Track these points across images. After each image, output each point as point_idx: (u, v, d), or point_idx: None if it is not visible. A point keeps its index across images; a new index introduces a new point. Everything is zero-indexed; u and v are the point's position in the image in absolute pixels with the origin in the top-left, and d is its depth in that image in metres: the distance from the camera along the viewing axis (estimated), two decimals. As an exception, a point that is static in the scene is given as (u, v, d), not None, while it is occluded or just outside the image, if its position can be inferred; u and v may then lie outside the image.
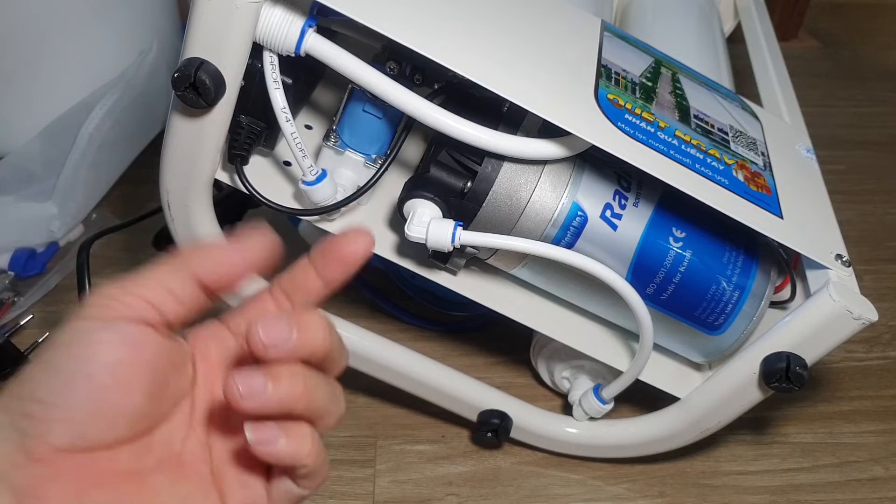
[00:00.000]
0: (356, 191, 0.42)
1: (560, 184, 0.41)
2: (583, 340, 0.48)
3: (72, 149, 0.67)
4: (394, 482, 0.52)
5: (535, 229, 0.41)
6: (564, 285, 0.45)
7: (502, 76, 0.37)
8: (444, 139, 0.38)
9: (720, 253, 0.43)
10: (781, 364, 0.40)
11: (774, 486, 0.53)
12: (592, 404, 0.49)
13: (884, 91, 1.01)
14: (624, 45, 0.48)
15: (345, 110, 0.42)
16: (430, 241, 0.39)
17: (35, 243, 0.65)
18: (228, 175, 0.43)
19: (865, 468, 0.54)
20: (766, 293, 0.44)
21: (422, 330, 0.62)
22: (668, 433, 0.48)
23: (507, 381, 0.59)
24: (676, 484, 0.53)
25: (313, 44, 0.36)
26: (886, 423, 0.58)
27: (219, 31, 0.34)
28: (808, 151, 0.52)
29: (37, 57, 0.69)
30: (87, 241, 0.43)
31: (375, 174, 0.41)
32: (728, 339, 0.44)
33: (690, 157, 0.40)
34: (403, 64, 0.41)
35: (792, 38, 1.13)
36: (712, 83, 0.52)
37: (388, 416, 0.56)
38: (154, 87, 0.74)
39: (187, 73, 0.34)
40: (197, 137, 0.38)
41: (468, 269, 0.47)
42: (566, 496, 0.52)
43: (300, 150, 0.39)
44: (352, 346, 0.48)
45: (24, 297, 0.62)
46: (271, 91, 0.37)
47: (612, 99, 0.40)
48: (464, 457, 0.54)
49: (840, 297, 0.39)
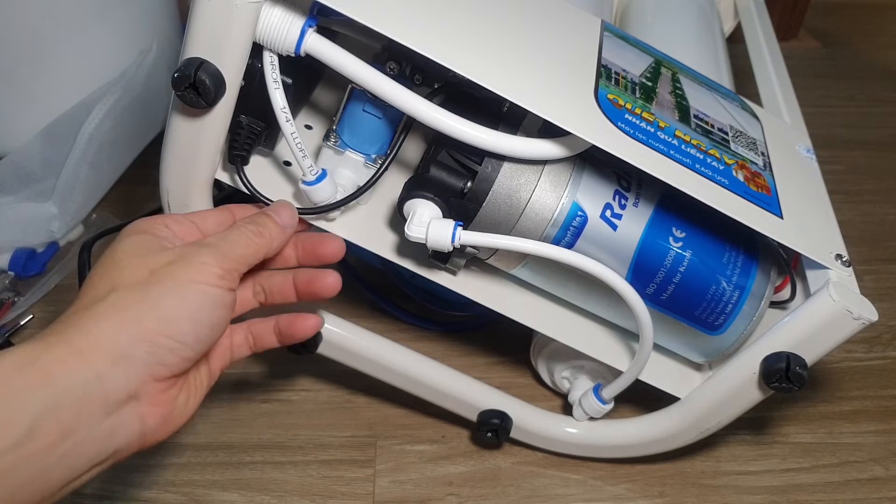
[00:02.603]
0: (355, 190, 0.42)
1: (560, 184, 0.41)
2: (583, 340, 0.48)
3: (72, 149, 0.67)
4: (394, 482, 0.52)
5: (535, 229, 0.41)
6: (564, 285, 0.45)
7: (502, 76, 0.37)
8: (444, 139, 0.38)
9: (720, 253, 0.43)
10: (781, 364, 0.40)
11: (774, 486, 0.53)
12: (592, 404, 0.49)
13: (884, 91, 1.01)
14: (624, 45, 0.48)
15: (345, 110, 0.42)
16: (430, 241, 0.39)
17: (35, 243, 0.66)
18: (229, 175, 0.43)
19: (865, 468, 0.54)
20: (766, 293, 0.44)
21: (422, 330, 0.62)
22: (668, 433, 0.48)
23: (507, 381, 0.59)
24: (676, 484, 0.53)
25: (313, 44, 0.36)
26: (886, 423, 0.58)
27: (219, 31, 0.34)
28: (808, 151, 0.52)
29: (37, 57, 0.69)
30: (87, 242, 0.43)
31: (375, 174, 0.41)
32: (728, 339, 0.44)
33: (690, 157, 0.40)
34: (403, 64, 0.41)
35: (792, 38, 1.13)
36: (712, 83, 0.52)
37: (388, 416, 0.56)
38: (154, 88, 0.74)
39: (187, 72, 0.34)
40: (197, 137, 0.38)
41: (468, 269, 0.47)
42: (566, 496, 0.52)
43: (300, 150, 0.39)
44: (352, 346, 0.48)
45: (24, 297, 0.62)
46: (271, 91, 0.37)
47: (612, 99, 0.40)
48: (464, 457, 0.54)
49: (840, 297, 0.39)
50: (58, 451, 0.27)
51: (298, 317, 0.39)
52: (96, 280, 0.31)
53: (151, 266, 0.31)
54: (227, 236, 0.35)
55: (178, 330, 0.31)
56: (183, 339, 0.31)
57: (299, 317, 0.39)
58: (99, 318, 0.29)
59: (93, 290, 0.31)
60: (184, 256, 0.32)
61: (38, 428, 0.26)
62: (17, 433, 0.26)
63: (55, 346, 0.28)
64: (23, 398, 0.26)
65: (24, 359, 0.27)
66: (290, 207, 0.39)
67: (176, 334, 0.31)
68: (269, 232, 0.36)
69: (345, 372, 0.50)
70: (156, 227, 0.34)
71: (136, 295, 0.30)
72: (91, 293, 0.31)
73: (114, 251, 0.32)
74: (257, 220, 0.37)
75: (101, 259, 0.33)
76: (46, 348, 0.28)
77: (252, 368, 0.59)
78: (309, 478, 0.52)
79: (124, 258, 0.32)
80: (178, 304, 0.31)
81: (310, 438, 0.54)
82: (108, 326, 0.29)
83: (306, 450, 0.54)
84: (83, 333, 0.29)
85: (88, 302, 0.30)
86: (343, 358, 0.49)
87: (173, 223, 0.35)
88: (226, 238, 0.34)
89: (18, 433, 0.26)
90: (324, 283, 0.38)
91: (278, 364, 0.59)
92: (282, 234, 0.37)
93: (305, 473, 0.52)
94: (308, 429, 0.55)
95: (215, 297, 0.32)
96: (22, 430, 0.26)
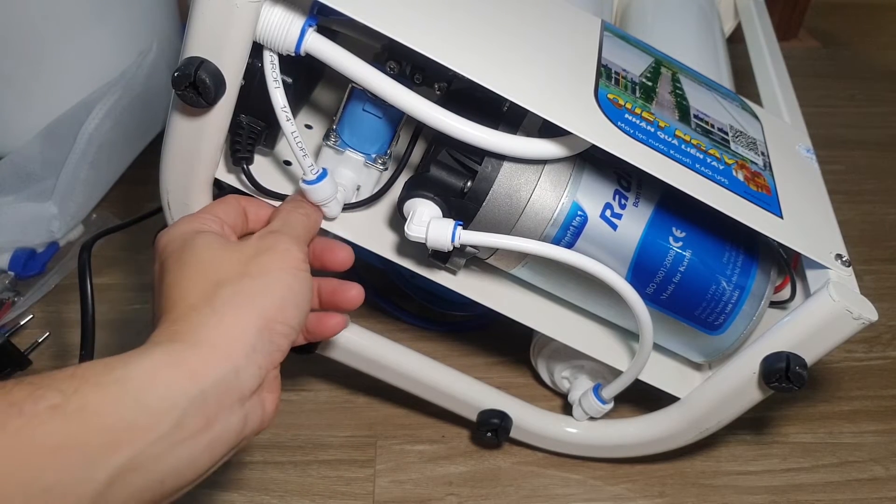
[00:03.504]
0: (367, 197, 0.44)
1: (560, 183, 0.41)
2: (583, 340, 0.48)
3: (72, 149, 0.67)
4: (394, 482, 0.52)
5: (534, 229, 0.41)
6: (564, 285, 0.45)
7: (502, 76, 0.37)
8: (444, 139, 0.38)
9: (720, 253, 0.43)
10: (781, 364, 0.40)
11: (774, 486, 0.53)
12: (592, 404, 0.49)
13: (884, 91, 1.01)
14: (624, 45, 0.48)
15: (345, 110, 0.42)
16: (429, 240, 0.39)
17: (35, 243, 0.65)
18: (229, 174, 0.43)
19: (865, 468, 0.54)
20: (766, 293, 0.44)
21: (422, 330, 0.62)
22: (668, 433, 0.48)
23: (507, 381, 0.59)
24: (676, 484, 0.53)
25: (313, 43, 0.36)
26: (886, 423, 0.58)
27: (219, 31, 0.34)
28: (808, 151, 0.52)
29: (37, 57, 0.69)
30: (88, 242, 0.43)
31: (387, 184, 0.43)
32: (728, 339, 0.44)
33: (690, 156, 0.40)
34: (403, 63, 0.41)
35: (792, 38, 1.13)
36: (712, 83, 0.52)
37: (388, 416, 0.56)
38: (154, 87, 0.74)
39: (187, 72, 0.34)
40: (197, 137, 0.38)
41: (468, 269, 0.47)
42: (566, 496, 0.52)
43: (301, 149, 0.39)
44: (352, 346, 0.48)
45: (24, 297, 0.62)
46: (271, 90, 0.37)
47: (612, 98, 0.40)
48: (464, 457, 0.54)
49: (840, 296, 0.39)
50: (203, 440, 0.29)
51: (324, 315, 0.40)
52: (190, 280, 0.32)
53: (241, 259, 0.33)
54: (287, 221, 0.37)
55: (289, 315, 0.33)
56: (293, 322, 0.33)
57: (325, 315, 0.40)
58: (224, 314, 0.31)
59: (193, 288, 0.32)
60: (267, 247, 0.34)
61: (186, 420, 0.28)
62: (168, 424, 0.27)
63: (195, 347, 0.30)
64: (172, 394, 0.28)
65: (169, 358, 0.29)
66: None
67: (289, 318, 0.33)
68: (314, 212, 0.40)
69: (345, 372, 0.50)
70: (202, 226, 0.35)
71: (245, 287, 0.32)
72: (193, 291, 0.32)
73: (194, 252, 0.33)
74: (300, 203, 0.39)
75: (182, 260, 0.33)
76: (189, 349, 0.29)
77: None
78: (309, 478, 0.52)
79: (213, 255, 0.33)
80: (284, 291, 0.33)
81: (310, 438, 0.54)
82: (236, 321, 0.31)
83: (306, 450, 0.54)
84: (215, 331, 0.30)
85: (201, 300, 0.31)
86: (343, 358, 0.49)
87: (208, 221, 0.36)
88: (287, 222, 0.37)
89: (170, 424, 0.27)
90: (347, 296, 0.40)
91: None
92: (320, 215, 0.41)
93: (305, 473, 0.52)
94: (308, 429, 0.55)
95: (306, 280, 0.34)
96: (172, 420, 0.28)
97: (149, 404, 0.27)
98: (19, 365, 0.56)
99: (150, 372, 0.28)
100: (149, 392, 0.27)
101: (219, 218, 0.37)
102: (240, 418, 0.30)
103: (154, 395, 0.27)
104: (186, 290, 0.32)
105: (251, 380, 0.31)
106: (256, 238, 0.35)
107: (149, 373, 0.28)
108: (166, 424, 0.27)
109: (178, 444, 0.28)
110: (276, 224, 0.37)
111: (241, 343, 0.30)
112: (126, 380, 0.27)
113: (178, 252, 0.33)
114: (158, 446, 0.27)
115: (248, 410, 0.31)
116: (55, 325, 0.61)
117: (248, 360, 0.30)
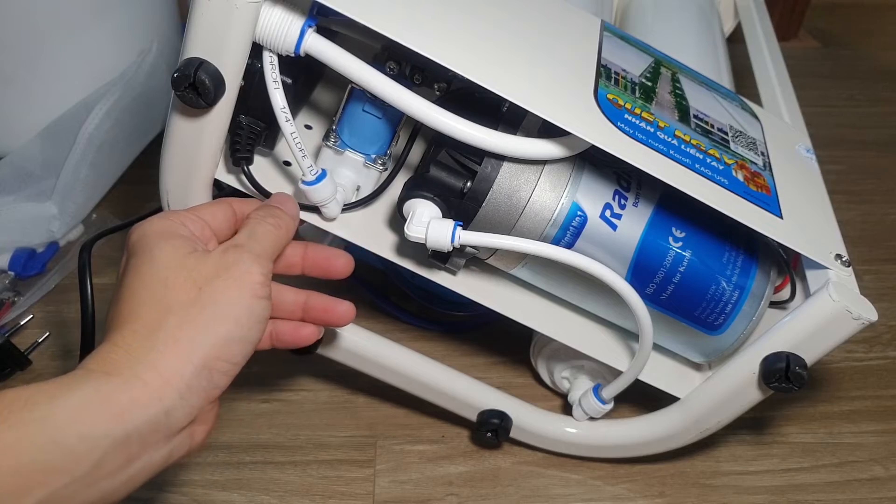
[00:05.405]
0: (364, 197, 0.43)
1: (560, 184, 0.41)
2: (583, 340, 0.48)
3: (72, 149, 0.67)
4: (394, 482, 0.52)
5: (534, 229, 0.41)
6: (564, 285, 0.45)
7: (502, 76, 0.37)
8: (444, 139, 0.38)
9: (720, 253, 0.43)
10: (781, 364, 0.40)
11: (774, 486, 0.53)
12: (592, 404, 0.49)
13: (884, 91, 1.01)
14: (624, 45, 0.48)
15: (344, 110, 0.42)
16: (429, 240, 0.39)
17: (35, 243, 0.65)
18: (229, 175, 0.43)
19: (865, 468, 0.54)
20: (766, 293, 0.44)
21: (422, 330, 0.62)
22: (668, 433, 0.48)
23: (507, 381, 0.59)
24: (676, 484, 0.53)
25: (313, 44, 0.36)
26: (886, 423, 0.58)
27: (218, 31, 0.34)
28: (808, 151, 0.52)
29: (37, 57, 0.69)
30: (88, 242, 0.43)
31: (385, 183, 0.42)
32: (728, 339, 0.44)
33: (690, 156, 0.40)
34: (403, 64, 0.41)
35: (792, 38, 1.13)
36: (712, 83, 0.52)
37: (388, 416, 0.56)
38: (154, 87, 0.74)
39: (187, 72, 0.34)
40: (197, 137, 0.38)
41: (468, 269, 0.47)
42: (566, 496, 0.52)
43: (300, 149, 0.39)
44: (352, 346, 0.48)
45: (24, 297, 0.62)
46: (271, 91, 0.37)
47: (612, 99, 0.40)
48: (464, 457, 0.54)
49: (840, 297, 0.39)
50: (122, 477, 0.29)
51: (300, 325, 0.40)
52: (142, 302, 0.31)
53: (197, 281, 0.31)
54: (253, 233, 0.35)
55: (233, 352, 0.32)
56: (236, 359, 0.32)
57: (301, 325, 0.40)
58: (163, 351, 0.30)
59: (143, 309, 0.31)
60: (227, 267, 0.32)
61: (106, 460, 0.28)
62: (87, 466, 0.27)
63: (126, 384, 0.29)
64: (95, 434, 0.27)
65: (97, 395, 0.28)
66: (292, 199, 0.39)
67: (231, 356, 0.32)
68: (285, 222, 0.37)
69: (345, 372, 0.50)
70: (177, 227, 0.34)
71: (192, 319, 0.31)
72: (142, 312, 0.31)
73: (153, 264, 0.32)
74: (270, 212, 0.37)
75: (140, 271, 0.32)
76: (120, 386, 0.29)
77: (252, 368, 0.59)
78: (309, 478, 0.52)
79: (169, 274, 0.32)
80: (231, 325, 0.31)
81: (310, 438, 0.54)
82: (174, 359, 0.30)
83: (306, 450, 0.54)
84: (151, 368, 0.29)
85: (146, 327, 0.30)
86: (343, 358, 0.49)
87: (188, 221, 0.35)
88: (253, 236, 0.34)
89: (88, 465, 0.27)
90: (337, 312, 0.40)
91: (278, 364, 0.59)
92: (294, 223, 0.38)
93: (305, 473, 0.52)
94: (308, 429, 0.55)
95: (261, 311, 0.33)
96: (91, 462, 0.27)
97: (68, 445, 0.27)
98: (19, 365, 0.56)
99: (76, 410, 0.27)
100: (70, 432, 0.27)
101: (202, 220, 0.35)
102: (164, 454, 0.30)
103: (75, 436, 0.27)
104: (136, 309, 0.31)
105: (182, 419, 0.30)
106: (220, 252, 0.33)
107: (74, 411, 0.27)
108: (85, 466, 0.27)
109: (94, 483, 0.27)
110: (242, 237, 0.34)
111: (175, 383, 0.30)
112: (47, 418, 0.26)
113: (144, 255, 0.32)
114: (73, 487, 0.27)
115: (175, 445, 0.31)
116: (55, 325, 0.61)
117: (181, 400, 0.30)
